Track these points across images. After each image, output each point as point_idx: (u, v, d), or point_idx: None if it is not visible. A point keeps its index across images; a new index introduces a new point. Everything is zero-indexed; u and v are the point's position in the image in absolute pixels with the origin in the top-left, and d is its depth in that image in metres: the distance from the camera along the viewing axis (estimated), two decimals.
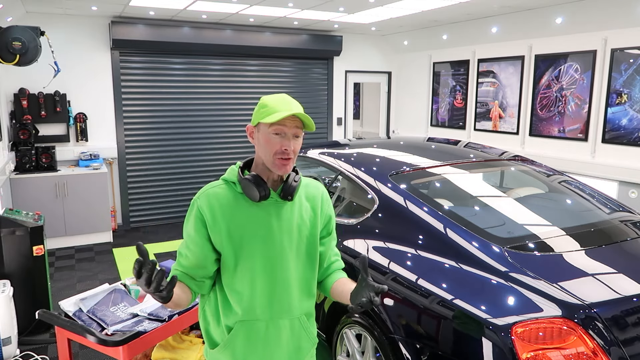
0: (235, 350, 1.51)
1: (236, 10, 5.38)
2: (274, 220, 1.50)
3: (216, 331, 1.54)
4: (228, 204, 1.49)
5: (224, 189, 1.51)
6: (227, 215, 1.47)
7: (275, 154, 1.45)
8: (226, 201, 1.49)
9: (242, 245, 1.47)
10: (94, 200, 5.51)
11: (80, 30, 5.72)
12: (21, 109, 5.37)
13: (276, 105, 1.45)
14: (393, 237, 2.52)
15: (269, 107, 1.46)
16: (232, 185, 1.52)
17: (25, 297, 3.46)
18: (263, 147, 1.47)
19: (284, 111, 1.43)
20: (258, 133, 1.49)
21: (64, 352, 2.37)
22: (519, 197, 2.91)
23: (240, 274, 1.48)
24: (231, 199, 1.50)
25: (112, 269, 4.86)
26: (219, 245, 1.48)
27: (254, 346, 1.51)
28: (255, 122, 1.49)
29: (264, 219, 1.49)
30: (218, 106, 6.59)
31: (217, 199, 1.49)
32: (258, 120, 1.48)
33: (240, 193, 1.50)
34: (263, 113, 1.46)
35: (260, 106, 1.49)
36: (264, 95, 1.55)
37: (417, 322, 2.14)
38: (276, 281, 1.50)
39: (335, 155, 3.23)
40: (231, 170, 1.54)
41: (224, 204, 1.48)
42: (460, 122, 6.55)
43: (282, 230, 1.51)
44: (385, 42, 7.58)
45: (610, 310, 1.87)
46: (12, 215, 3.53)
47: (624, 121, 4.66)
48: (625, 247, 2.38)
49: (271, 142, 1.45)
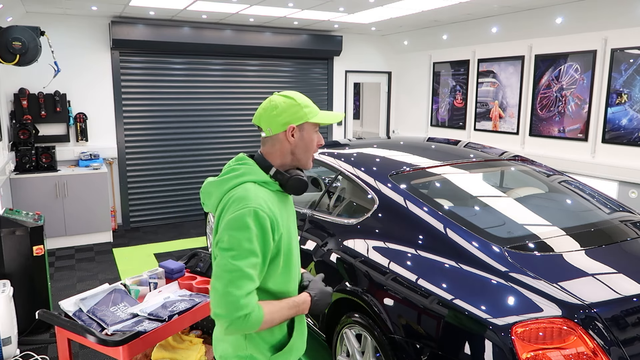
0: (296, 345, 1.56)
1: (236, 10, 5.38)
2: (295, 212, 1.64)
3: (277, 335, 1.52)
4: (275, 203, 1.47)
5: (262, 191, 1.46)
6: (280, 214, 1.46)
7: (314, 151, 1.55)
8: (273, 201, 1.46)
9: (289, 242, 1.51)
10: (94, 200, 5.51)
11: (80, 30, 5.72)
12: (21, 109, 5.37)
13: (315, 106, 1.54)
14: (393, 237, 2.52)
15: (312, 107, 1.51)
16: (263, 185, 1.48)
17: (25, 297, 3.46)
18: (306, 146, 1.51)
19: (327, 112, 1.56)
20: (302, 132, 1.49)
21: (64, 352, 2.37)
22: (519, 197, 2.91)
23: (289, 272, 1.52)
24: (274, 199, 1.48)
25: (112, 269, 4.86)
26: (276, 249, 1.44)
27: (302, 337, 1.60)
28: (301, 121, 1.47)
29: (292, 213, 1.60)
30: (218, 106, 6.59)
31: (269, 201, 1.43)
32: (305, 119, 1.47)
33: (274, 191, 1.50)
34: (310, 113, 1.49)
35: (302, 106, 1.48)
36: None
37: (417, 322, 2.14)
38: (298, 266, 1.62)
39: (335, 155, 3.23)
40: (253, 171, 1.48)
41: (274, 204, 1.45)
42: (460, 122, 6.55)
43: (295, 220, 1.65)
44: (385, 42, 7.58)
45: (610, 310, 1.87)
46: (12, 215, 3.53)
47: (624, 121, 4.66)
48: (625, 247, 2.38)
49: (314, 140, 1.53)
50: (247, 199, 1.38)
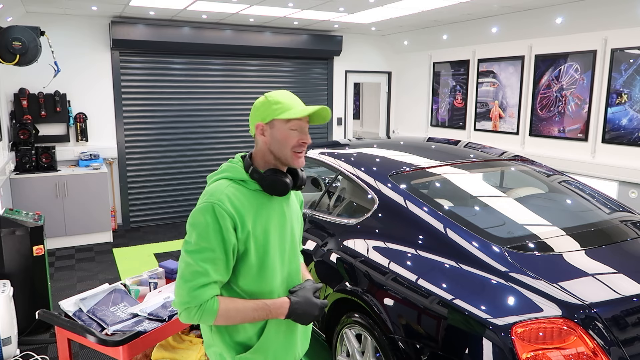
0: (268, 350, 1.51)
1: (236, 10, 5.38)
2: (286, 212, 1.56)
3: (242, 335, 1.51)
4: (248, 202, 1.46)
5: (236, 188, 1.47)
6: (251, 213, 1.45)
7: (294, 147, 1.49)
8: (245, 199, 1.46)
9: (265, 243, 1.47)
10: (94, 200, 5.51)
11: (80, 30, 5.72)
12: (21, 109, 5.37)
13: (289, 102, 1.49)
14: (393, 237, 2.52)
15: (283, 104, 1.48)
16: (241, 184, 1.49)
17: (25, 297, 3.46)
18: (279, 143, 1.48)
19: (301, 107, 1.49)
20: (272, 130, 1.49)
21: (64, 352, 2.37)
22: (519, 197, 2.91)
23: (264, 272, 1.48)
24: (249, 197, 1.48)
25: (112, 269, 4.86)
26: (248, 245, 1.44)
27: (280, 340, 1.54)
28: (269, 119, 1.49)
29: (279, 213, 1.54)
30: (218, 106, 6.59)
31: (237, 198, 1.45)
32: (272, 117, 1.48)
33: (253, 190, 1.49)
34: (278, 110, 1.47)
35: (271, 103, 1.49)
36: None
37: (417, 322, 2.14)
38: (290, 272, 1.57)
39: (335, 155, 3.23)
40: (233, 169, 1.52)
41: (245, 202, 1.46)
42: (460, 122, 6.55)
43: (293, 220, 1.59)
44: (385, 42, 7.58)
45: (610, 310, 1.87)
46: (12, 215, 3.53)
47: (624, 121, 4.66)
48: (625, 247, 2.38)
49: (289, 137, 1.48)
50: (210, 194, 1.43)
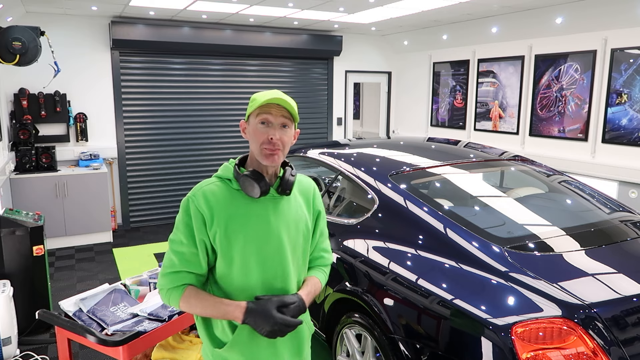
0: (243, 347, 1.50)
1: (236, 10, 5.38)
2: (271, 216, 1.50)
3: (219, 330, 1.53)
4: (225, 201, 1.47)
5: (219, 187, 1.50)
6: (225, 212, 1.46)
7: (262, 144, 1.46)
8: (223, 198, 1.47)
9: (241, 243, 1.46)
10: (94, 200, 5.51)
11: (80, 30, 5.72)
12: (21, 109, 5.37)
13: (262, 97, 1.47)
14: (393, 237, 2.52)
15: (256, 100, 1.48)
16: (227, 182, 1.51)
17: (25, 297, 3.46)
18: (251, 140, 1.49)
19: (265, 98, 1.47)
20: (249, 127, 1.51)
21: (64, 352, 2.37)
22: (519, 197, 2.91)
23: (240, 271, 1.47)
24: (228, 196, 1.48)
25: (112, 269, 4.86)
26: (217, 244, 1.46)
27: (259, 340, 1.50)
28: (247, 117, 1.52)
29: (262, 215, 1.49)
30: (218, 106, 6.59)
31: (213, 195, 1.47)
32: (248, 113, 1.51)
33: (237, 190, 1.50)
34: (251, 106, 1.49)
35: (250, 101, 1.52)
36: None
37: (417, 322, 2.14)
38: (275, 276, 1.51)
39: (335, 155, 3.23)
40: (225, 168, 1.54)
41: (221, 201, 1.47)
42: (460, 122, 6.55)
43: (280, 225, 1.51)
44: (385, 42, 7.58)
45: (610, 310, 1.87)
46: (12, 215, 3.53)
47: (624, 121, 4.66)
48: (625, 247, 2.38)
49: (258, 132, 1.46)
50: (192, 189, 1.49)
